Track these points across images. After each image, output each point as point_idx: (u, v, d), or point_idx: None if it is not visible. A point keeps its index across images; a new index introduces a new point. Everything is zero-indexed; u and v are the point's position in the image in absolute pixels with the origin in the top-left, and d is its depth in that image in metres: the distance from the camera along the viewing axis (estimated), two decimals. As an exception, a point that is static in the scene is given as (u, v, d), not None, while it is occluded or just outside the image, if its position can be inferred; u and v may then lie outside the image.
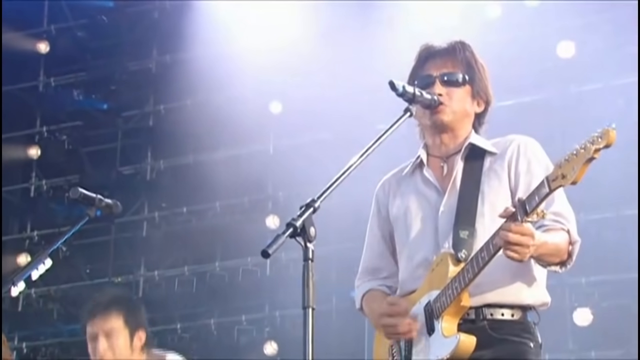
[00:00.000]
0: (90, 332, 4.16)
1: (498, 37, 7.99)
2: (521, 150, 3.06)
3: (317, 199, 2.57)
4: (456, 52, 3.12)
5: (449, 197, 3.06)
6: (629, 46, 7.78)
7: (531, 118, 7.88)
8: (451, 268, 2.94)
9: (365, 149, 2.77)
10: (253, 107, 9.29)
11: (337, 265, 8.74)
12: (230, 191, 9.60)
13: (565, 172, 2.64)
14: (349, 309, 8.99)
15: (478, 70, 3.13)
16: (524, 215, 2.71)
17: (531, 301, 3.00)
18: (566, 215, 2.96)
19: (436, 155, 3.14)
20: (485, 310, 2.94)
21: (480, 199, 2.99)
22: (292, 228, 2.49)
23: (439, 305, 2.92)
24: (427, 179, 3.11)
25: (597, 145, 2.62)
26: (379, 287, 3.18)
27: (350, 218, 8.31)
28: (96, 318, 4.15)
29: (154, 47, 10.04)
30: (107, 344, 4.09)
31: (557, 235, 2.90)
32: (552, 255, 2.89)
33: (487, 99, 3.15)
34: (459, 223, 2.99)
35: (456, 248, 2.97)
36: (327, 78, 8.90)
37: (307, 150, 9.30)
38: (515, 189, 3.00)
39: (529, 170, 3.02)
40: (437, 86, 3.07)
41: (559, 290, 7.75)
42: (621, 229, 7.90)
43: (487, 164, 3.05)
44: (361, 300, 3.22)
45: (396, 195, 3.18)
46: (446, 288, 2.92)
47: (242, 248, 9.02)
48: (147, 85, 10.05)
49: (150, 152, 9.96)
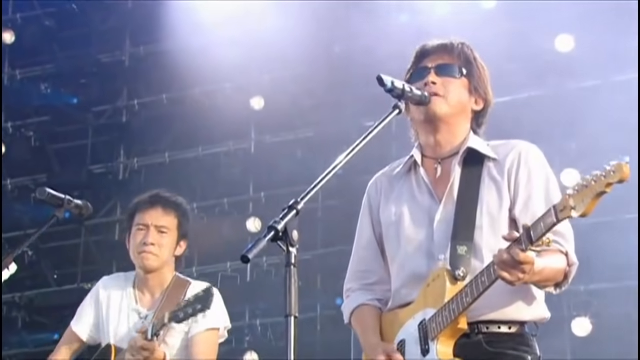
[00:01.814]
0: (139, 221, 4.18)
1: (492, 30, 8.01)
2: (522, 158, 3.04)
3: (300, 201, 2.56)
4: (454, 47, 3.12)
5: (445, 206, 3.04)
6: (632, 40, 7.81)
7: (528, 116, 7.92)
8: (449, 287, 2.94)
9: (352, 147, 2.76)
10: (233, 102, 9.28)
11: (322, 271, 8.75)
12: (208, 192, 9.58)
13: (574, 204, 2.64)
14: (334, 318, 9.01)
15: (477, 67, 3.12)
16: (529, 244, 2.71)
17: (530, 318, 3.01)
18: (566, 234, 2.97)
19: (430, 157, 3.13)
20: (481, 325, 2.95)
21: (479, 210, 2.99)
22: (274, 231, 2.48)
23: (434, 326, 2.92)
24: (421, 183, 3.11)
25: (610, 179, 2.59)
26: (370, 302, 3.17)
27: (336, 221, 8.32)
28: (153, 209, 4.18)
29: (127, 38, 10.00)
30: (157, 238, 4.14)
31: (554, 259, 2.91)
32: (548, 280, 2.92)
33: (486, 98, 3.15)
34: (457, 237, 2.97)
35: (454, 265, 2.96)
36: (312, 72, 8.91)
37: (290, 149, 9.30)
38: (515, 201, 3.00)
39: (529, 182, 3.01)
40: (432, 75, 3.06)
41: (556, 299, 7.76)
42: (621, 234, 7.93)
43: (486, 170, 3.05)
44: (350, 315, 3.21)
45: (389, 199, 3.17)
46: (443, 309, 2.92)
47: (220, 253, 9.01)
48: (120, 79, 10.02)
49: (123, 150, 9.94)
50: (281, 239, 2.49)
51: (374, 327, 3.11)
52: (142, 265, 4.16)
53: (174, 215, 4.22)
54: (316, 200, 8.67)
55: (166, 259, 4.18)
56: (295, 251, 2.47)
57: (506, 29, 8.16)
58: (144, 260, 4.13)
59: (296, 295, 2.42)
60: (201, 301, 3.89)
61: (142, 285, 4.20)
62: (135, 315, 4.15)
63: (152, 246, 4.13)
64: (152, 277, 4.18)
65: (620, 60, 7.96)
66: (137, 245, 4.16)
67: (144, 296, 4.19)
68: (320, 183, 2.67)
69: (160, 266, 4.17)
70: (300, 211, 2.53)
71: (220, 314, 4.20)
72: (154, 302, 4.17)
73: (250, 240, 8.42)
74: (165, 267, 4.20)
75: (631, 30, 7.68)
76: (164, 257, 4.17)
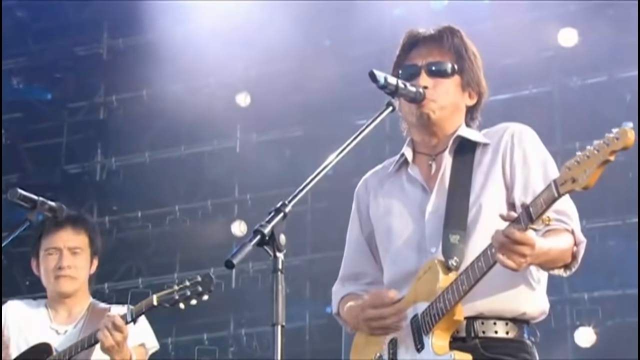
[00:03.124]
0: (49, 245, 4.18)
1: (492, 23, 8.04)
2: (515, 139, 3.05)
3: (288, 203, 2.57)
4: (443, 38, 3.11)
5: (436, 196, 3.05)
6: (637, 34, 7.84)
7: (529, 113, 7.94)
8: (441, 277, 2.93)
9: (343, 146, 2.76)
10: (217, 98, 9.27)
11: (311, 277, 8.75)
12: (191, 193, 9.57)
13: (575, 176, 2.62)
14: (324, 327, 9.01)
15: (469, 59, 3.11)
16: (528, 222, 2.70)
17: (529, 309, 2.99)
18: (569, 213, 2.96)
19: (424, 153, 3.15)
20: (477, 327, 2.94)
21: (472, 198, 2.99)
22: (260, 235, 2.48)
23: (428, 319, 2.91)
24: (412, 177, 3.11)
25: (613, 146, 2.57)
26: (360, 292, 3.17)
27: (326, 224, 8.33)
28: (63, 230, 4.18)
29: (105, 30, 9.99)
30: (72, 260, 4.16)
31: (560, 238, 2.89)
32: (555, 261, 2.90)
33: (479, 91, 3.15)
34: (448, 226, 2.97)
35: (446, 254, 2.95)
36: (301, 67, 8.91)
37: (278, 148, 9.31)
38: (512, 184, 3.01)
39: (525, 163, 3.02)
40: (423, 77, 3.06)
41: (559, 307, 7.81)
42: (627, 238, 7.96)
43: (478, 157, 3.06)
44: (338, 304, 3.21)
45: (378, 194, 3.18)
46: (437, 300, 2.91)
47: (204, 258, 9.00)
48: (97, 73, 10.00)
49: (100, 149, 9.92)
50: (267, 244, 2.49)
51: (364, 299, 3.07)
52: (59, 291, 4.17)
53: (84, 233, 4.23)
54: (305, 203, 8.68)
55: (83, 280, 4.21)
56: (283, 256, 2.48)
57: (506, 22, 8.19)
58: (61, 285, 4.15)
59: (283, 303, 2.43)
60: (202, 284, 3.86)
61: (56, 304, 4.22)
62: (52, 333, 4.15)
63: (68, 269, 4.14)
64: (69, 299, 4.21)
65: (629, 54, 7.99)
66: (51, 270, 4.16)
67: (59, 314, 4.20)
68: (310, 184, 2.68)
69: (78, 288, 4.20)
70: (288, 214, 2.54)
71: (149, 331, 4.20)
72: (72, 318, 4.18)
73: (235, 244, 8.41)
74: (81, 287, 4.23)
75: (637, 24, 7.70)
76: (81, 279, 4.20)
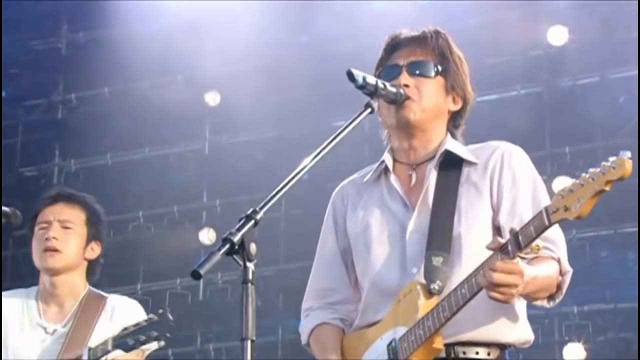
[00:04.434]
0: (40, 219, 4.09)
1: (477, 20, 8.08)
2: (505, 160, 3.06)
3: (260, 209, 2.56)
4: (427, 39, 3.12)
5: (419, 214, 3.06)
6: (631, 32, 7.90)
7: (516, 116, 8.00)
8: (422, 302, 2.94)
9: (319, 149, 2.77)
10: (185, 97, 9.26)
11: (284, 289, 8.74)
12: (156, 199, 9.54)
13: (568, 204, 2.65)
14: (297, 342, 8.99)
15: (453, 61, 3.12)
16: (517, 251, 2.73)
17: (512, 339, 3.02)
18: (556, 240, 2.99)
19: (404, 162, 3.14)
20: (457, 348, 2.96)
21: (456, 218, 3.00)
22: (229, 244, 2.47)
23: (406, 345, 2.92)
24: (393, 190, 3.12)
25: (610, 176, 2.59)
26: (332, 320, 3.17)
27: (300, 233, 8.33)
28: (56, 204, 4.11)
29: (64, 23, 9.95)
30: (60, 233, 4.04)
31: (546, 266, 2.93)
32: (541, 291, 2.94)
33: (464, 96, 3.17)
34: (431, 247, 2.98)
35: (428, 277, 2.96)
36: (275, 64, 8.92)
37: (249, 151, 9.30)
38: (498, 207, 3.03)
39: (514, 186, 3.03)
40: (404, 76, 3.08)
41: (547, 322, 7.86)
42: (620, 249, 8.03)
43: (465, 175, 3.07)
44: (309, 335, 3.20)
45: (356, 207, 3.17)
46: (416, 326, 2.92)
47: (169, 267, 8.98)
48: (55, 69, 9.96)
49: (58, 150, 9.88)
50: (237, 253, 2.49)
51: (334, 346, 3.11)
52: (46, 266, 4.04)
53: (79, 209, 4.12)
54: (278, 209, 8.68)
55: (73, 259, 4.06)
56: (253, 266, 2.48)
57: (492, 19, 8.23)
58: (47, 259, 4.02)
59: (254, 316, 2.43)
60: (157, 327, 3.83)
61: (46, 296, 4.09)
62: (40, 331, 4.04)
63: (54, 240, 4.01)
64: (60, 283, 4.06)
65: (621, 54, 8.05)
66: (38, 244, 4.06)
67: (49, 308, 4.08)
68: (283, 190, 2.68)
69: (67, 266, 4.05)
70: (259, 221, 2.54)
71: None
72: (63, 315, 4.07)
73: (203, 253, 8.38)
74: (75, 271, 4.09)
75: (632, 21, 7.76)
76: (70, 256, 4.05)
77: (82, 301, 4.09)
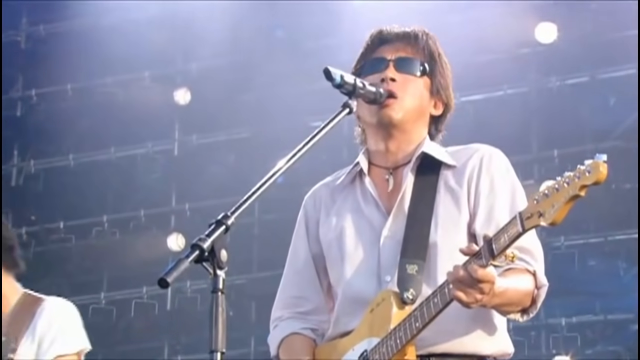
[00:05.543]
0: None
1: (462, 16, 8.11)
2: (484, 165, 3.09)
3: (231, 214, 2.56)
4: (418, 38, 3.15)
5: (394, 219, 3.07)
6: (625, 30, 7.95)
7: (502, 117, 8.03)
8: (395, 311, 2.96)
9: (295, 151, 2.77)
10: (153, 95, 9.24)
11: (257, 298, 8.73)
12: (121, 202, 9.52)
13: (542, 210, 2.68)
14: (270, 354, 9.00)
15: (440, 65, 3.16)
16: (490, 258, 2.75)
17: (490, 351, 3.03)
18: (533, 251, 3.01)
19: (380, 165, 3.16)
20: (432, 359, 2.97)
21: (433, 225, 3.02)
22: (199, 250, 2.46)
23: (377, 357, 2.93)
24: (367, 194, 3.13)
25: (584, 180, 2.63)
26: (302, 330, 3.18)
27: (275, 239, 8.33)
28: None
29: (23, 15, 9.91)
30: None
31: (520, 279, 2.95)
32: (512, 304, 2.96)
33: (447, 102, 3.21)
34: (406, 254, 3.00)
35: (402, 286, 2.97)
36: (248, 60, 8.92)
37: (221, 152, 9.30)
38: (475, 213, 3.05)
39: (492, 191, 3.06)
40: (391, 70, 3.10)
41: (533, 334, 7.89)
42: (610, 257, 8.07)
43: (443, 179, 3.08)
44: (278, 346, 3.20)
45: (330, 212, 3.19)
46: (388, 337, 2.93)
47: (135, 275, 8.95)
48: (14, 64, 9.92)
49: (16, 150, 9.84)
50: (207, 260, 2.48)
51: (305, 358, 3.12)
52: None
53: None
54: (252, 214, 8.68)
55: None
56: (224, 274, 2.48)
57: (478, 15, 8.26)
58: None
59: (224, 327, 2.43)
60: None
61: None
62: None
63: None
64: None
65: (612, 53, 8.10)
66: None
67: None
68: (257, 193, 2.68)
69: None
70: (231, 226, 2.54)
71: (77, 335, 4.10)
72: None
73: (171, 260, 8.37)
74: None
75: (625, 18, 7.81)
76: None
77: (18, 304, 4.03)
